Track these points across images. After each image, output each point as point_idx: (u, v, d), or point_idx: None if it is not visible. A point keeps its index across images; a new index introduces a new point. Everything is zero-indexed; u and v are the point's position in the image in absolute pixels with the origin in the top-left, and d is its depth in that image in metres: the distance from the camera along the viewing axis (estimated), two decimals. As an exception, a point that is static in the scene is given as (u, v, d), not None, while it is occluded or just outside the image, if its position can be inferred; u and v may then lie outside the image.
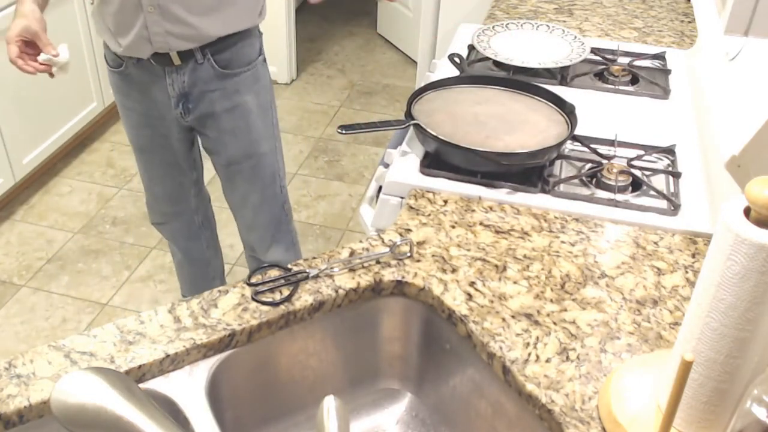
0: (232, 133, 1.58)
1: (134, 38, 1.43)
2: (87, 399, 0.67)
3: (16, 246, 2.55)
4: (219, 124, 1.57)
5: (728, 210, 0.68)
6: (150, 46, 1.44)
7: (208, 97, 1.53)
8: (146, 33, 1.41)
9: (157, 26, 1.41)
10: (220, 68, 1.51)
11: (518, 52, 1.59)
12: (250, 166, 1.63)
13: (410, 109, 1.31)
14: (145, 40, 1.43)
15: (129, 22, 1.41)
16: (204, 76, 1.51)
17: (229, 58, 1.52)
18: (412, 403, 1.08)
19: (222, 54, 1.50)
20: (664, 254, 1.08)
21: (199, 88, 1.52)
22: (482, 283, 1.01)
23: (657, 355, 0.90)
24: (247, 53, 1.54)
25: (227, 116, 1.56)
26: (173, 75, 1.50)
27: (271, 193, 1.69)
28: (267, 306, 0.95)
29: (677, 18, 1.90)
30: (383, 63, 3.89)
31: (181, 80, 1.51)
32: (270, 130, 1.65)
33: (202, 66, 1.49)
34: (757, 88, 1.17)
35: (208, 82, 1.51)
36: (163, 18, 1.40)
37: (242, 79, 1.55)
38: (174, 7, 1.39)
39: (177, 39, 1.43)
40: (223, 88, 1.53)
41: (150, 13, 1.39)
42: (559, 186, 1.20)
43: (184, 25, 1.42)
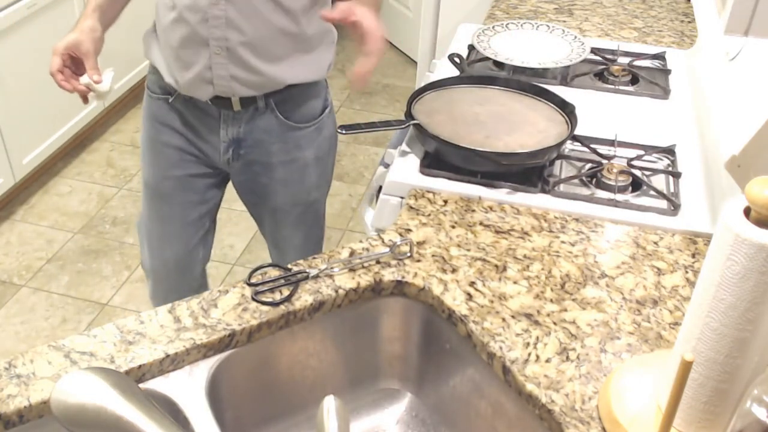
0: (283, 183, 1.45)
1: (194, 77, 1.30)
2: (87, 399, 0.67)
3: (16, 246, 2.55)
4: (270, 174, 1.44)
5: (728, 210, 0.68)
6: (211, 89, 1.30)
7: (265, 148, 1.40)
8: (209, 74, 1.28)
9: (222, 69, 1.28)
10: (284, 119, 1.38)
11: (518, 52, 1.58)
12: (297, 213, 1.51)
13: (410, 109, 1.31)
14: (206, 82, 1.30)
15: (191, 59, 1.28)
16: (264, 126, 1.37)
17: (294, 111, 1.38)
18: (412, 403, 1.08)
19: (286, 105, 1.37)
20: (664, 254, 1.08)
21: (255, 137, 1.38)
22: (482, 283, 1.01)
23: (657, 355, 0.90)
24: (313, 107, 1.41)
25: (282, 168, 1.43)
26: (229, 119, 1.37)
27: (314, 235, 1.57)
28: (267, 306, 0.95)
29: (677, 18, 1.90)
30: (383, 63, 3.90)
31: (237, 126, 1.37)
32: (324, 179, 1.51)
33: (264, 115, 1.36)
34: (757, 88, 1.17)
35: (267, 132, 1.38)
36: (230, 61, 1.27)
37: (304, 134, 1.41)
38: (243, 52, 1.26)
39: (242, 85, 1.30)
40: (283, 141, 1.40)
41: (217, 54, 1.26)
42: (559, 186, 1.20)
43: (251, 71, 1.28)
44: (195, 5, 1.22)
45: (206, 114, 1.37)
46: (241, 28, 1.23)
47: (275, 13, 1.24)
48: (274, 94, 1.34)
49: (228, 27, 1.23)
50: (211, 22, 1.23)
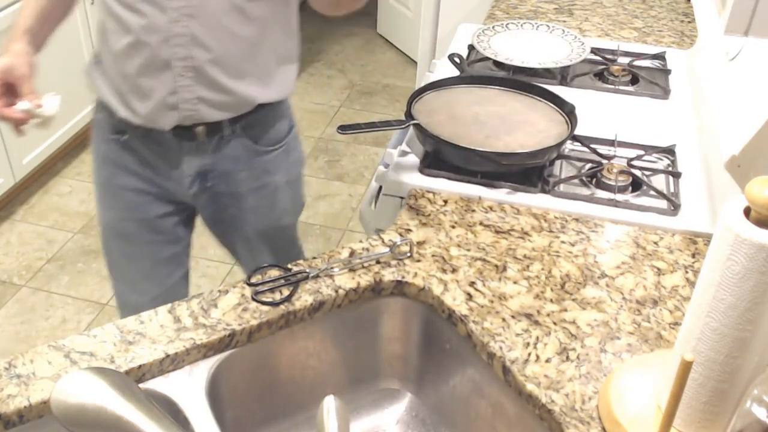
0: (254, 212, 1.37)
1: (156, 105, 1.18)
2: (87, 399, 0.67)
3: (16, 246, 2.55)
4: (239, 204, 1.35)
5: (728, 210, 0.68)
6: (176, 115, 1.19)
7: (232, 177, 1.31)
8: (173, 99, 1.17)
9: (188, 92, 1.17)
10: (252, 143, 1.29)
11: (518, 52, 1.58)
12: (270, 240, 1.43)
13: (410, 109, 1.31)
14: (169, 109, 1.18)
15: (152, 85, 1.17)
16: (230, 154, 1.28)
17: (261, 134, 1.29)
18: (412, 403, 1.08)
19: (254, 128, 1.28)
20: (664, 254, 1.08)
21: (222, 167, 1.29)
22: (482, 283, 1.01)
23: (657, 355, 0.90)
24: (279, 129, 1.32)
25: (251, 196, 1.34)
26: (192, 151, 1.26)
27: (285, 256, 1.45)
28: (267, 306, 0.95)
29: (677, 18, 1.90)
30: (383, 63, 3.90)
31: (202, 157, 1.27)
32: (296, 202, 1.44)
33: (230, 143, 1.26)
34: (757, 88, 1.17)
35: (234, 160, 1.29)
36: (197, 82, 1.16)
37: (273, 158, 1.33)
38: (210, 70, 1.16)
39: (209, 107, 1.20)
40: (251, 168, 1.31)
41: (181, 76, 1.15)
42: (559, 186, 1.20)
43: (220, 91, 1.18)
44: (153, 25, 1.12)
45: (166, 148, 1.26)
46: (207, 45, 1.14)
47: (242, 25, 1.15)
48: (240, 118, 1.24)
49: (193, 45, 1.13)
50: (173, 41, 1.12)
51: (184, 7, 1.10)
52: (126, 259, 1.40)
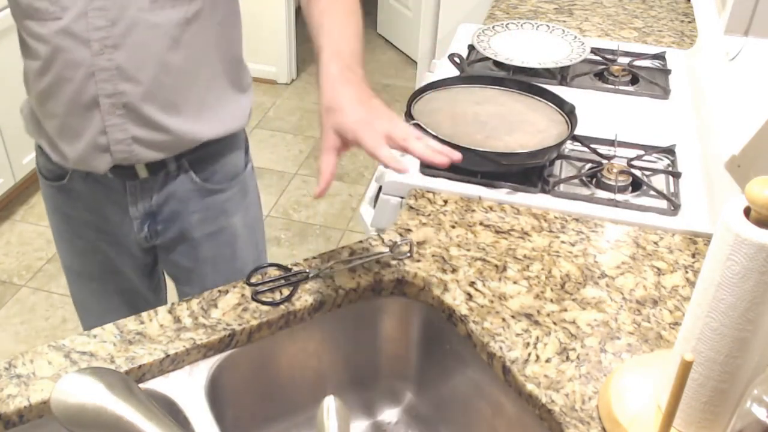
0: (213, 263, 1.24)
1: (86, 147, 1.07)
2: (87, 399, 0.67)
3: (16, 246, 2.55)
4: (197, 253, 1.22)
5: (728, 210, 0.68)
6: (109, 158, 1.07)
7: (185, 219, 1.18)
8: (104, 140, 1.05)
9: (120, 132, 1.05)
10: (201, 181, 1.16)
11: (518, 52, 1.58)
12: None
13: (410, 109, 1.31)
14: (101, 151, 1.07)
15: (80, 126, 1.05)
16: (179, 193, 1.15)
17: (213, 170, 1.17)
18: (412, 403, 1.08)
19: (203, 164, 1.15)
20: (664, 254, 1.08)
21: (171, 207, 1.16)
22: (482, 283, 1.01)
23: (657, 355, 0.90)
24: (233, 163, 1.20)
25: (208, 243, 1.21)
26: (137, 191, 1.13)
27: None
28: (267, 306, 0.95)
29: (677, 18, 1.90)
30: (383, 63, 3.90)
31: (148, 197, 1.14)
32: (256, 252, 1.31)
33: (177, 179, 1.14)
34: (757, 88, 1.17)
35: (184, 200, 1.16)
36: (129, 120, 1.04)
37: (229, 197, 1.20)
38: (143, 106, 1.04)
39: (145, 148, 1.07)
40: (204, 208, 1.18)
41: (111, 114, 1.03)
42: (559, 186, 1.20)
43: (156, 129, 1.06)
44: (74, 60, 1.00)
45: (109, 189, 1.14)
46: (136, 78, 1.02)
47: (174, 53, 1.03)
48: (186, 153, 1.12)
49: (120, 78, 1.01)
50: (98, 76, 1.01)
51: (107, 38, 0.99)
52: (92, 296, 1.32)
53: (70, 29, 0.98)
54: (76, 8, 0.97)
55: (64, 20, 0.98)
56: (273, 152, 3.14)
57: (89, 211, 1.18)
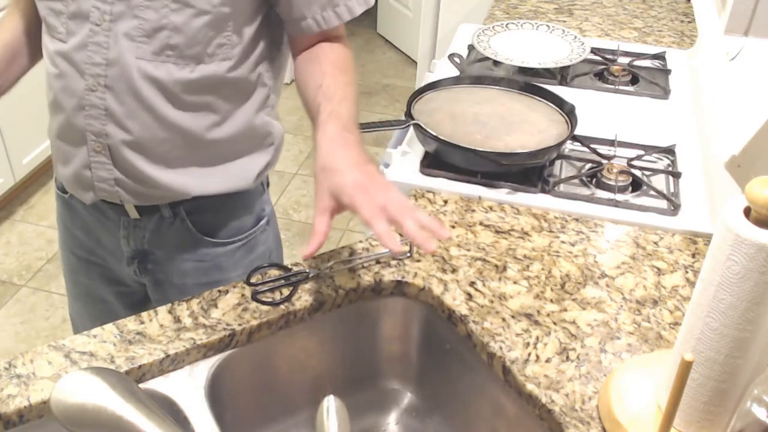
0: None
1: (72, 176, 1.03)
2: (87, 399, 0.67)
3: (16, 246, 2.55)
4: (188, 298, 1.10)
5: (728, 210, 0.68)
6: (92, 193, 1.03)
7: (177, 267, 1.10)
8: (88, 175, 1.01)
9: (104, 171, 1.00)
10: (200, 233, 1.08)
11: (518, 52, 1.58)
12: None
13: (410, 109, 1.31)
14: (85, 184, 1.03)
15: (69, 152, 1.02)
16: (172, 239, 1.08)
17: (214, 225, 1.08)
18: (412, 403, 1.08)
19: (202, 215, 1.07)
20: (664, 254, 1.08)
21: (164, 251, 1.09)
22: (482, 283, 1.01)
23: (657, 355, 0.90)
24: (241, 220, 1.10)
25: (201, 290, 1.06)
26: (130, 227, 1.08)
27: None
28: (267, 306, 0.95)
29: (677, 18, 1.90)
30: (383, 63, 3.90)
31: (141, 235, 1.08)
32: None
33: (173, 225, 1.07)
34: (757, 88, 1.17)
35: (178, 247, 1.09)
36: (113, 164, 0.99)
37: (227, 252, 1.11)
38: (127, 154, 0.98)
39: (129, 194, 1.02)
40: (199, 259, 1.10)
41: (96, 152, 0.99)
42: (559, 186, 1.20)
43: (140, 180, 1.00)
44: (69, 88, 0.97)
45: (105, 216, 1.09)
46: (125, 125, 0.97)
47: (173, 110, 0.97)
48: (182, 202, 1.05)
49: (108, 120, 0.97)
50: (87, 111, 0.97)
51: (102, 76, 0.94)
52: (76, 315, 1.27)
53: (70, 56, 0.96)
54: (79, 37, 0.94)
55: (67, 45, 0.96)
56: (273, 152, 3.14)
57: (85, 232, 1.15)
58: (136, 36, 0.93)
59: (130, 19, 0.92)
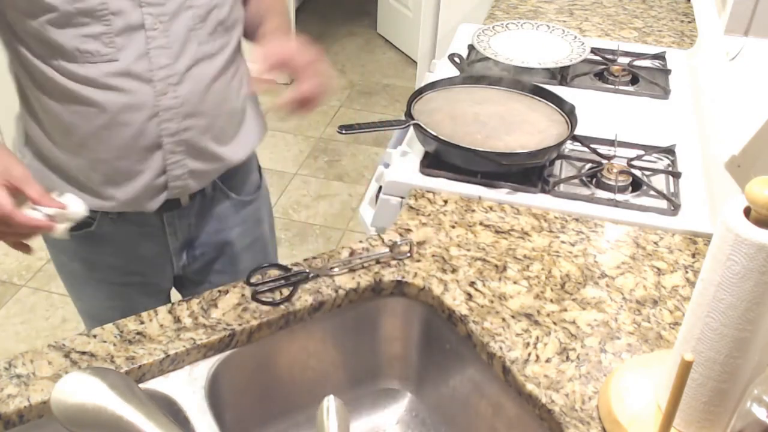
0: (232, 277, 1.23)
1: (141, 189, 1.04)
2: (87, 399, 0.67)
3: (16, 246, 2.55)
4: (236, 267, 1.24)
5: (728, 210, 0.68)
6: (164, 196, 1.07)
7: (226, 235, 1.20)
8: (163, 180, 1.04)
9: (179, 168, 1.04)
10: (237, 196, 1.19)
11: (518, 52, 1.58)
12: None
13: (410, 109, 1.31)
14: (158, 190, 1.06)
15: (134, 168, 1.02)
16: (217, 211, 1.17)
17: (242, 183, 1.20)
18: (412, 403, 1.08)
19: (234, 180, 1.18)
20: (664, 254, 1.08)
21: (212, 227, 1.18)
22: (482, 283, 1.01)
23: (657, 355, 0.90)
24: (255, 174, 1.25)
25: (246, 254, 1.25)
26: (175, 220, 1.13)
27: None
28: (267, 306, 0.95)
29: (677, 18, 1.90)
30: (383, 63, 3.90)
31: (186, 224, 1.15)
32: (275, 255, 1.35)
33: (213, 200, 1.16)
34: (757, 88, 1.17)
35: (223, 217, 1.19)
36: (189, 155, 1.04)
37: (259, 206, 1.25)
38: (204, 139, 1.05)
39: (198, 178, 1.08)
40: (243, 221, 1.22)
41: (173, 153, 1.03)
42: (559, 186, 1.20)
43: (209, 159, 1.08)
44: (136, 103, 0.97)
45: (144, 225, 1.12)
46: (200, 111, 1.02)
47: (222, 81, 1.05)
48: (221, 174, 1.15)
49: (184, 116, 1.01)
50: (162, 116, 0.99)
51: (171, 75, 0.97)
52: None
53: (130, 71, 0.95)
54: (135, 48, 0.94)
55: (122, 62, 0.94)
56: (273, 152, 3.14)
57: (117, 255, 1.15)
58: (194, 25, 0.98)
59: (185, 12, 0.97)
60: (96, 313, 1.25)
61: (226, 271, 1.24)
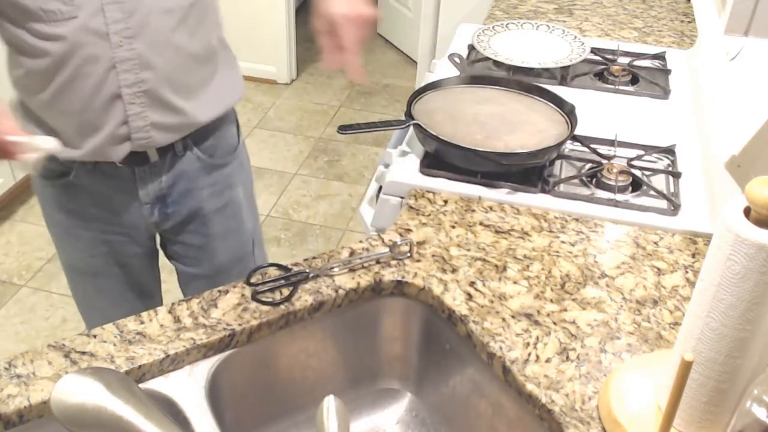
0: (222, 237, 1.31)
1: (105, 139, 1.10)
2: (87, 399, 0.67)
3: (16, 246, 2.55)
4: (207, 229, 1.29)
5: (728, 210, 0.68)
6: (128, 146, 1.12)
7: (195, 197, 1.24)
8: (125, 130, 1.10)
9: (140, 119, 1.09)
10: (206, 157, 1.23)
11: (518, 52, 1.58)
12: (238, 272, 1.32)
13: (410, 109, 1.31)
14: (121, 140, 1.11)
15: (99, 119, 1.08)
16: (188, 171, 1.22)
17: (215, 146, 1.24)
18: (412, 403, 1.08)
19: (206, 142, 1.22)
20: (664, 254, 1.08)
21: (182, 186, 1.22)
22: (482, 283, 1.01)
23: (657, 355, 0.90)
24: (231, 138, 1.27)
25: (218, 217, 1.28)
26: (146, 175, 1.19)
27: None
28: (267, 306, 0.95)
29: (677, 18, 1.90)
30: (383, 63, 3.89)
31: (158, 180, 1.20)
32: (257, 222, 1.38)
33: (184, 158, 1.20)
34: (757, 88, 1.17)
35: (193, 178, 1.23)
36: (148, 106, 1.09)
37: (231, 170, 1.28)
38: (162, 91, 1.09)
39: (161, 131, 1.13)
40: (212, 183, 1.25)
41: (132, 104, 1.08)
42: (559, 186, 1.20)
43: (173, 112, 1.12)
44: (94, 55, 1.03)
45: (117, 179, 1.18)
46: (156, 64, 1.07)
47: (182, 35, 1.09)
48: (192, 134, 1.19)
49: (141, 67, 1.06)
50: (120, 67, 1.05)
51: (126, 29, 1.03)
52: (96, 293, 1.35)
53: (87, 26, 1.01)
54: (91, 5, 1.01)
55: (80, 18, 1.01)
56: (273, 152, 3.14)
57: (96, 205, 1.22)
58: None
59: None
60: (78, 265, 1.33)
61: (198, 231, 1.29)
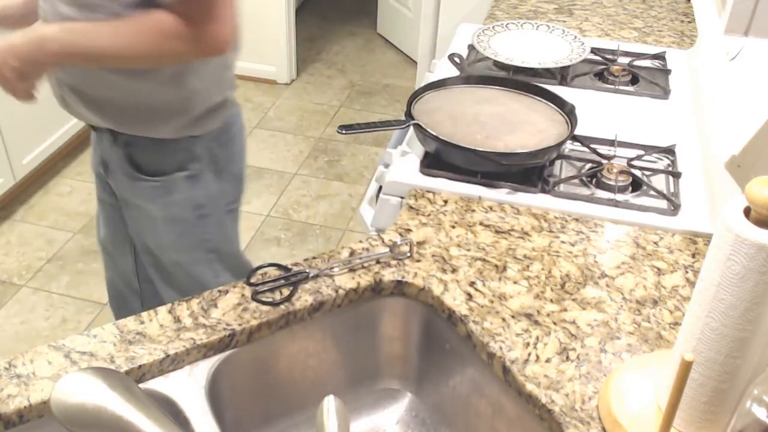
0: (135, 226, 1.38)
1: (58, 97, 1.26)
2: (87, 399, 0.67)
3: (16, 246, 2.55)
4: (129, 212, 1.37)
5: (728, 210, 0.68)
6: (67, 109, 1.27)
7: (120, 180, 1.32)
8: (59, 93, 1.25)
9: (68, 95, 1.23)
10: (128, 165, 1.28)
11: (518, 52, 1.58)
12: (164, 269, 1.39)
13: (410, 109, 1.31)
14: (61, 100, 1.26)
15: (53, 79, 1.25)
16: (114, 163, 1.30)
17: (138, 159, 1.27)
18: (412, 403, 1.08)
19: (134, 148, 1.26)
20: (664, 254, 1.08)
21: (112, 164, 1.31)
22: (482, 283, 1.01)
23: (657, 355, 0.90)
24: (160, 161, 1.26)
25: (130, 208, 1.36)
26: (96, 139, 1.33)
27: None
28: (267, 306, 0.95)
29: (677, 18, 1.90)
30: (383, 63, 3.89)
31: (100, 147, 1.33)
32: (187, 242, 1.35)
33: (113, 150, 1.28)
34: (757, 88, 1.17)
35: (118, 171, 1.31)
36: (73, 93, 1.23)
37: (146, 188, 1.28)
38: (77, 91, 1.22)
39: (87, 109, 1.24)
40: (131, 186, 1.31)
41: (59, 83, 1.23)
42: (559, 186, 1.20)
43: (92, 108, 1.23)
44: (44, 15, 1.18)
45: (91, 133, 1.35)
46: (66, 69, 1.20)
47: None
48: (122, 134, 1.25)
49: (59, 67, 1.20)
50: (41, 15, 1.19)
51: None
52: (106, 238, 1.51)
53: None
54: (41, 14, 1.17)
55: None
56: (273, 152, 3.14)
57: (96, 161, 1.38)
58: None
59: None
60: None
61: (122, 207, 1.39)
